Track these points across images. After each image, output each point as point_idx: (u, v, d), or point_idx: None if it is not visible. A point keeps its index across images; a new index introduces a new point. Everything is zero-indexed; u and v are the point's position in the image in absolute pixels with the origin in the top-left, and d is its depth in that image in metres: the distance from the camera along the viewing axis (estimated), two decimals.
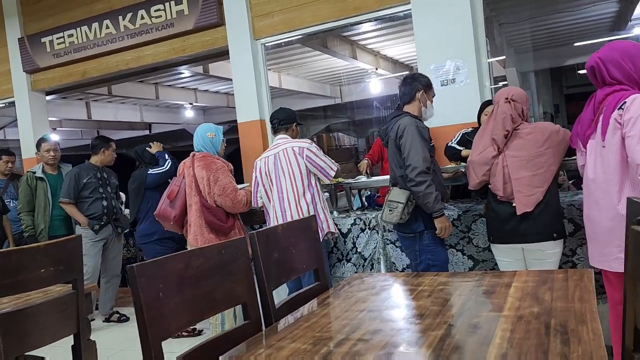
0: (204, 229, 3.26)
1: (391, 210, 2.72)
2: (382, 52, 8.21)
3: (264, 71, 5.02)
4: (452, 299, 1.59)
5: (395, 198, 2.73)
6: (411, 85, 2.87)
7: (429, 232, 2.75)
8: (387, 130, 2.88)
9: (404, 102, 2.89)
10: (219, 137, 3.49)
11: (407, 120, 2.73)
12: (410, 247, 2.84)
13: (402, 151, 2.70)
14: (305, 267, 1.90)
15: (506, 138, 2.61)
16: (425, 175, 2.63)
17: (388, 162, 3.90)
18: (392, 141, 2.80)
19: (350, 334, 1.36)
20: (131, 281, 1.22)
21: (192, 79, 9.33)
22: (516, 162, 2.58)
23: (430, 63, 4.11)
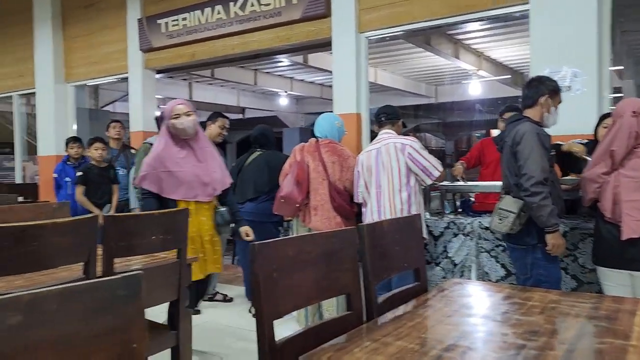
0: (333, 213, 3.33)
1: (501, 219, 2.58)
2: (485, 53, 7.90)
3: (365, 65, 5.00)
4: (568, 319, 1.49)
5: (506, 207, 2.59)
6: (536, 88, 2.70)
7: (543, 245, 2.56)
8: (503, 135, 2.74)
9: (525, 106, 2.73)
10: (344, 128, 3.62)
11: (527, 126, 2.57)
12: (521, 260, 2.67)
13: (519, 159, 2.54)
14: (406, 266, 1.86)
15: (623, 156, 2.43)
16: (542, 186, 2.46)
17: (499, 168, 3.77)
18: (507, 147, 2.65)
19: (458, 340, 1.31)
20: (251, 259, 1.26)
21: (290, 68, 9.51)
22: (630, 183, 2.39)
23: (545, 67, 3.88)
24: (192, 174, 2.98)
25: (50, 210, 2.99)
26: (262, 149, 4.19)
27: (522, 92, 2.77)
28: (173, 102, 3.08)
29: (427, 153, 3.16)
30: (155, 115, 5.12)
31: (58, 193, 5.28)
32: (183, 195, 2.97)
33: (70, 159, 5.29)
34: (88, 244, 1.89)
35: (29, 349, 0.77)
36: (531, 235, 2.59)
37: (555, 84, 2.75)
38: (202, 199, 3.04)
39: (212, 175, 3.09)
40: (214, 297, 4.56)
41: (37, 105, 7.50)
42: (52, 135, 7.18)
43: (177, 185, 2.96)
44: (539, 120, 2.68)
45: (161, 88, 9.74)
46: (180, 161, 2.98)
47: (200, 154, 3.06)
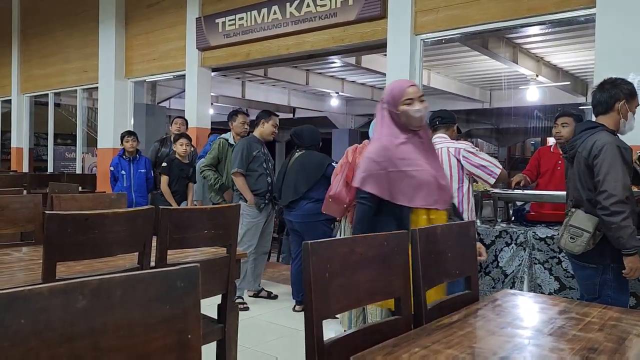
0: None
1: (573, 238, 2.40)
2: (545, 58, 7.64)
3: (420, 68, 4.94)
4: (630, 338, 1.42)
5: (579, 224, 2.40)
6: (610, 92, 2.47)
7: (617, 266, 2.37)
8: (575, 144, 2.52)
9: (598, 112, 2.52)
10: None
11: (606, 137, 2.36)
12: (590, 280, 2.46)
13: (597, 173, 2.33)
14: (458, 273, 1.82)
15: None
16: (623, 206, 2.26)
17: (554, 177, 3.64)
18: (582, 158, 2.42)
19: (512, 353, 1.27)
20: (305, 257, 1.26)
21: (341, 69, 9.52)
22: None
23: (610, 74, 3.67)
24: (429, 174, 2.28)
25: (109, 201, 3.11)
26: (301, 150, 4.23)
27: (594, 97, 2.56)
28: (401, 84, 2.39)
29: (483, 154, 3.10)
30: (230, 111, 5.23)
31: (115, 185, 5.52)
32: (423, 202, 2.25)
33: (125, 153, 5.50)
34: (144, 235, 1.95)
35: (95, 333, 0.81)
36: (604, 255, 2.39)
37: (632, 86, 2.52)
38: (440, 207, 2.30)
39: (445, 176, 2.48)
40: (259, 293, 4.62)
41: (99, 99, 7.83)
42: (111, 129, 7.48)
43: (414, 189, 2.24)
44: (614, 128, 2.47)
45: (214, 86, 9.95)
46: (415, 158, 2.29)
47: (429, 147, 2.41)
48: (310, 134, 4.35)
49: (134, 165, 5.44)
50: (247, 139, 4.52)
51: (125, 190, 5.28)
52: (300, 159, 4.16)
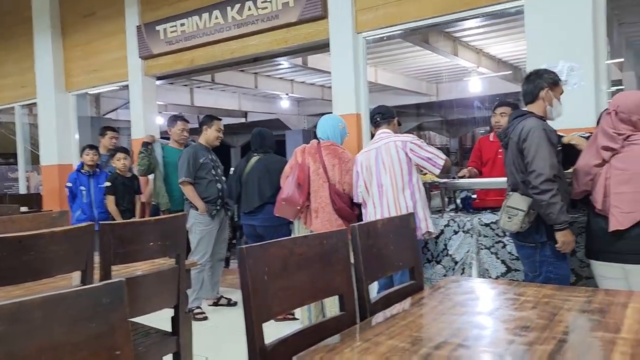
0: (334, 215, 3.35)
1: (510, 217, 2.55)
2: (484, 50, 7.89)
3: (364, 65, 5.00)
4: (560, 313, 1.49)
5: (515, 205, 2.55)
6: (534, 83, 2.67)
7: (553, 243, 2.53)
8: (508, 131, 2.69)
9: (527, 102, 2.70)
10: (346, 130, 3.65)
11: (532, 122, 2.53)
12: (530, 258, 2.62)
13: (526, 155, 2.51)
14: (402, 265, 1.87)
15: (609, 150, 2.40)
16: (551, 184, 2.43)
17: (496, 165, 3.76)
18: (513, 143, 2.60)
19: (449, 337, 1.32)
20: (240, 262, 1.27)
21: (290, 70, 9.53)
22: (620, 175, 2.36)
23: (542, 63, 3.85)
24: None
25: (50, 220, 3.01)
26: (259, 153, 4.19)
27: (522, 88, 2.74)
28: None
29: (427, 145, 3.18)
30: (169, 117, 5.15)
31: (74, 203, 5.25)
32: None
33: (84, 167, 5.28)
34: (85, 252, 1.91)
35: (14, 358, 0.79)
36: (540, 233, 2.55)
37: (554, 75, 2.72)
38: None
39: None
40: (218, 301, 4.58)
41: (38, 115, 7.55)
42: (54, 145, 7.22)
43: None
44: (543, 115, 2.65)
45: (162, 94, 9.79)
46: None
47: None
48: (271, 137, 4.36)
49: (93, 180, 5.21)
50: (193, 147, 4.47)
51: (86, 207, 5.11)
52: (261, 163, 4.12)
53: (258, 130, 4.39)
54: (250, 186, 4.06)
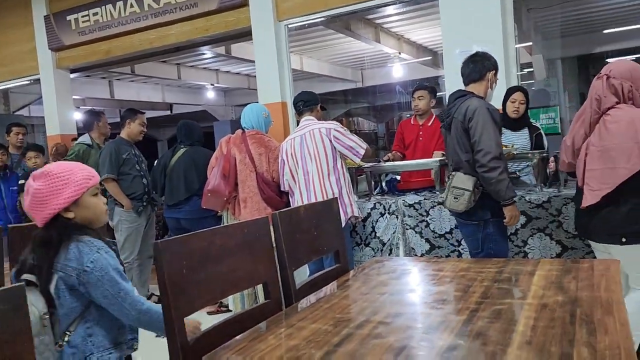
0: (263, 204, 3.32)
1: (456, 197, 2.57)
2: (405, 36, 8.09)
3: (287, 53, 4.99)
4: (474, 285, 1.57)
5: (460, 184, 2.57)
6: (482, 63, 2.69)
7: (495, 220, 2.59)
8: (450, 111, 2.69)
9: (470, 80, 2.71)
10: (270, 118, 3.61)
11: (477, 102, 2.56)
12: (473, 235, 2.67)
13: (472, 135, 2.53)
14: (326, 249, 1.90)
15: (592, 122, 2.34)
16: (499, 161, 2.48)
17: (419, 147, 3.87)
18: (458, 123, 2.61)
19: (371, 316, 1.36)
20: (156, 257, 1.24)
21: (214, 60, 9.33)
22: (593, 151, 2.32)
23: (456, 47, 4.04)
24: None
25: None
26: (185, 146, 4.09)
27: (465, 67, 2.75)
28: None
29: (350, 133, 3.23)
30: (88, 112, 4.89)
31: None
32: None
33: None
34: None
35: None
36: (484, 211, 2.61)
37: (496, 61, 2.78)
38: None
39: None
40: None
41: None
42: None
43: None
44: (483, 96, 2.68)
45: (78, 88, 9.30)
46: None
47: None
48: (198, 128, 4.26)
49: (4, 183, 4.85)
50: (114, 142, 4.28)
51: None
52: (187, 155, 4.01)
53: (184, 122, 4.28)
54: (176, 179, 3.95)
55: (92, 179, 1.60)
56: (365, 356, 1.10)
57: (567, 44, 9.18)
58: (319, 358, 1.11)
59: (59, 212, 1.53)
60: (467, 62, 2.76)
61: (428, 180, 3.64)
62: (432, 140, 3.89)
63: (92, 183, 1.59)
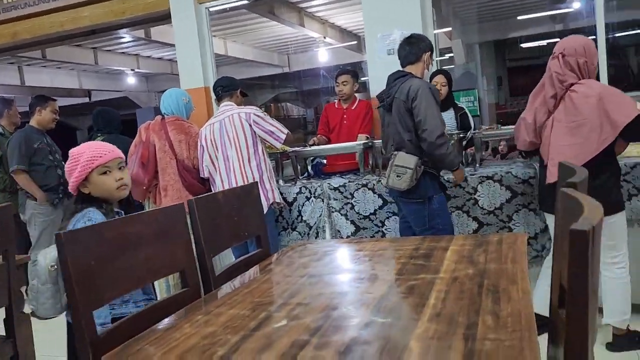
0: (185, 192, 3.21)
1: (399, 175, 2.64)
2: (330, 21, 8.11)
3: (209, 37, 4.86)
4: (392, 263, 1.62)
5: (403, 163, 2.65)
6: (418, 45, 2.78)
7: (439, 196, 2.73)
8: (391, 92, 2.74)
9: (407, 62, 2.79)
10: (192, 104, 3.48)
11: (419, 82, 2.65)
12: (419, 213, 2.74)
13: (417, 115, 2.61)
14: (247, 235, 1.88)
15: (555, 99, 2.39)
16: (444, 137, 2.62)
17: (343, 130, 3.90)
18: (400, 103, 2.67)
19: (290, 298, 1.36)
20: (59, 249, 1.17)
21: (133, 44, 8.94)
22: (558, 127, 2.37)
23: (377, 32, 4.09)
24: None
25: None
26: (103, 134, 3.91)
27: (402, 49, 2.82)
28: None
29: (270, 118, 3.20)
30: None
31: None
32: None
33: None
34: None
35: None
36: (427, 189, 2.71)
37: (430, 42, 2.88)
38: None
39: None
40: None
41: None
42: None
43: None
44: (420, 76, 2.77)
45: None
46: None
47: None
48: (116, 116, 4.08)
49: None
50: (24, 131, 4.01)
51: None
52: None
53: (99, 109, 4.09)
54: None
55: (98, 159, 1.76)
56: (281, 338, 1.10)
57: (484, 29, 9.59)
58: (235, 343, 1.10)
59: (77, 187, 1.78)
60: (403, 44, 2.83)
61: (353, 163, 3.69)
62: (357, 124, 3.94)
63: (97, 163, 1.76)
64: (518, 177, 2.95)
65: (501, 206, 2.97)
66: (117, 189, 1.77)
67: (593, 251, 0.74)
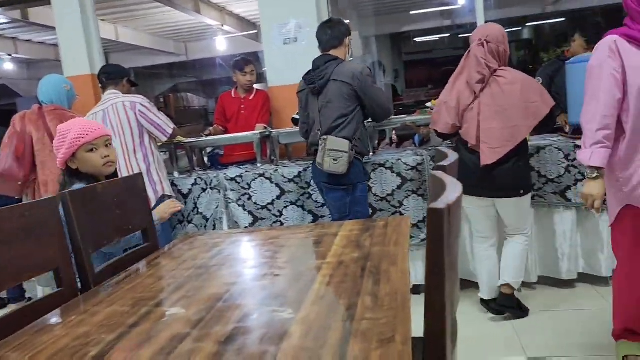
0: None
1: (336, 160, 2.65)
2: (228, 9, 7.94)
3: (94, 20, 4.55)
4: (282, 250, 1.62)
5: (338, 147, 2.65)
6: (339, 29, 2.81)
7: (363, 184, 2.81)
8: (324, 74, 2.74)
9: (330, 47, 2.81)
10: (74, 91, 3.23)
11: (358, 64, 2.73)
12: (342, 200, 2.78)
13: (364, 94, 2.69)
14: (132, 228, 1.78)
15: (482, 83, 2.52)
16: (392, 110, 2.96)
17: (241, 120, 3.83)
18: (340, 85, 2.69)
19: (172, 293, 1.31)
20: None
21: (9, 26, 8.14)
22: (488, 111, 2.49)
23: (274, 22, 4.07)
24: None
25: None
26: None
27: (323, 34, 2.83)
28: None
29: (157, 111, 3.07)
30: None
31: None
32: None
33: None
34: None
35: None
36: (354, 175, 2.74)
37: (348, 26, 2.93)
38: None
39: None
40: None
41: None
42: None
43: None
44: (344, 60, 2.80)
45: None
46: None
47: None
48: None
49: None
50: None
51: None
52: None
53: None
54: None
55: (85, 137, 1.86)
56: (161, 333, 1.06)
57: (380, 22, 9.89)
58: (110, 342, 1.04)
59: (66, 162, 1.89)
60: (323, 29, 2.86)
61: (250, 153, 3.65)
62: (254, 113, 3.90)
63: (84, 141, 1.86)
64: (408, 165, 3.09)
65: (392, 192, 3.10)
66: (103, 165, 1.90)
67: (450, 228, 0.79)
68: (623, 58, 1.84)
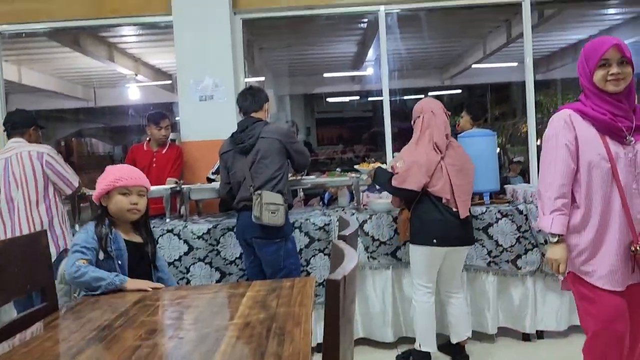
0: None
1: (274, 212, 2.76)
2: (143, 59, 7.90)
3: None
4: (189, 312, 1.63)
5: (273, 200, 2.78)
6: (259, 96, 3.07)
7: (292, 235, 3.00)
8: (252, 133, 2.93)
9: (252, 110, 3.04)
10: None
11: (283, 125, 3.09)
12: (276, 253, 2.88)
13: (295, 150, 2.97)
14: (30, 288, 1.71)
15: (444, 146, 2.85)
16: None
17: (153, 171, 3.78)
18: (273, 142, 2.90)
19: (74, 356, 1.29)
20: None
21: None
22: (453, 170, 2.82)
23: (190, 77, 4.14)
24: None
25: None
26: None
27: (244, 100, 3.07)
28: None
29: (64, 163, 3.00)
30: None
31: None
32: None
33: None
34: None
35: None
36: (287, 226, 2.91)
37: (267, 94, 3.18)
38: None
39: None
40: None
41: None
42: None
43: None
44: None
45: None
46: None
47: None
48: None
49: None
50: None
51: None
52: None
53: None
54: None
55: (121, 181, 2.02)
56: None
57: (294, 82, 10.29)
58: None
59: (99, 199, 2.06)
60: (244, 95, 3.09)
61: (160, 207, 3.60)
62: (166, 167, 3.88)
63: (120, 184, 2.02)
64: (316, 225, 3.22)
65: (300, 251, 3.19)
66: (128, 210, 2.03)
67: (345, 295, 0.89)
68: (577, 131, 1.98)
